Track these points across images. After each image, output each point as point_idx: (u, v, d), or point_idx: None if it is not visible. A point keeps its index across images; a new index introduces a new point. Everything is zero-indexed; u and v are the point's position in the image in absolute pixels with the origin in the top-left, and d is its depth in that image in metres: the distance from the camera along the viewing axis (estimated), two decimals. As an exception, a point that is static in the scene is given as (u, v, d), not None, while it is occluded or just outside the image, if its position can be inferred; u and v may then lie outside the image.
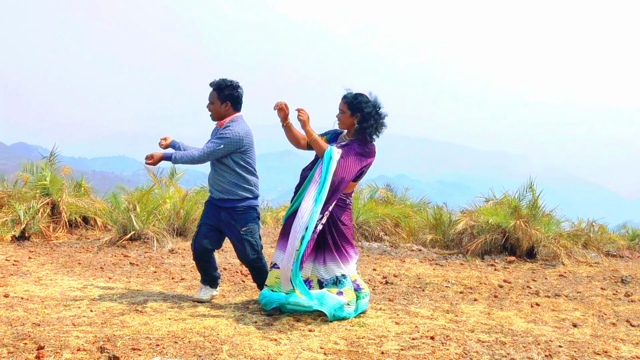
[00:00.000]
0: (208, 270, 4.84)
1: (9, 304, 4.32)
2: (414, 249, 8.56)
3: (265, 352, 3.49)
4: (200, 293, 4.84)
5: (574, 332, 4.42)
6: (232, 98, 4.62)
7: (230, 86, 4.61)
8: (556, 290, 6.08)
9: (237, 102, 4.67)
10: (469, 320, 4.59)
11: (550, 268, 7.47)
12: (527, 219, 8.27)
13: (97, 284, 5.27)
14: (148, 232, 7.58)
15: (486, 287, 6.06)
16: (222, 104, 4.62)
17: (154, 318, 4.15)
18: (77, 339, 3.52)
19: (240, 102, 4.71)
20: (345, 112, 4.51)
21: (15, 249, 6.90)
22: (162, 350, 3.42)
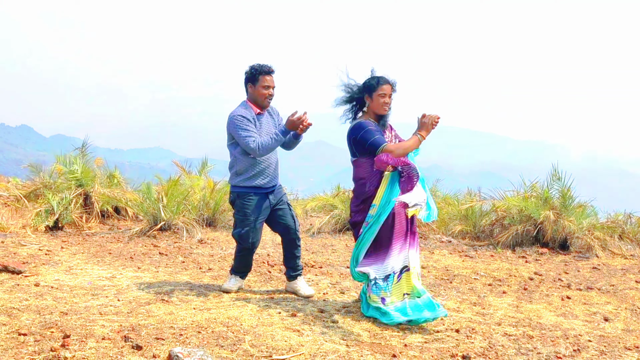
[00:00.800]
0: (250, 262, 4.94)
1: (39, 293, 4.42)
2: (444, 240, 8.47)
3: (287, 343, 3.49)
4: (230, 283, 4.88)
5: (604, 327, 4.31)
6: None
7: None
8: (589, 283, 5.94)
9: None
10: (496, 313, 4.51)
11: (583, 260, 7.30)
12: (559, 210, 8.09)
13: (126, 274, 5.35)
14: (178, 223, 7.66)
15: (516, 279, 5.95)
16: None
17: (179, 308, 4.19)
18: (102, 328, 3.58)
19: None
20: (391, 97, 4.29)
21: (48, 238, 7.06)
22: (185, 339, 3.45)
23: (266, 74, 4.61)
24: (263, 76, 4.60)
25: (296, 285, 4.87)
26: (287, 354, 3.29)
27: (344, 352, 3.38)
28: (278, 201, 4.79)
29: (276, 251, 6.91)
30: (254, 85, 4.63)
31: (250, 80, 4.65)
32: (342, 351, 3.40)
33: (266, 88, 4.61)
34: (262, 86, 4.61)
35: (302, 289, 4.85)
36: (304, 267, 6.12)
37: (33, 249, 6.30)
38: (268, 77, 4.62)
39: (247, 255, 4.85)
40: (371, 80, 4.23)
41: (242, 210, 4.67)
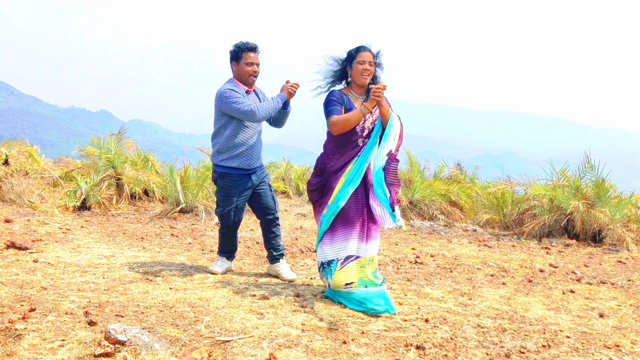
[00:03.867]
0: (234, 241, 4.98)
1: (32, 269, 4.62)
2: (469, 229, 8.25)
3: (242, 325, 3.49)
4: (216, 266, 4.93)
5: (594, 323, 4.07)
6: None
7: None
8: (605, 277, 5.63)
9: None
10: (480, 305, 4.35)
11: (612, 253, 6.93)
12: (592, 200, 7.71)
13: (126, 253, 5.52)
14: (198, 205, 7.82)
15: (525, 270, 5.73)
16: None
17: (157, 287, 4.29)
18: (71, 303, 3.70)
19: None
20: (372, 66, 4.15)
21: (73, 218, 7.37)
22: (144, 318, 3.52)
23: (249, 50, 4.61)
24: (246, 53, 4.60)
25: (278, 268, 4.87)
26: (236, 336, 3.31)
27: (294, 336, 3.35)
28: (260, 182, 4.81)
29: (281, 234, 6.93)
30: (238, 63, 4.63)
31: (234, 57, 4.65)
32: (293, 335, 3.38)
33: (249, 65, 4.60)
34: (245, 63, 4.60)
35: (284, 272, 4.84)
36: (307, 251, 6.13)
37: (54, 228, 6.59)
38: (252, 53, 4.62)
39: (230, 234, 4.88)
40: (351, 50, 4.15)
41: (224, 190, 4.71)
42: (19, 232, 6.18)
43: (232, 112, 4.52)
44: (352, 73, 4.14)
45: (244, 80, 4.65)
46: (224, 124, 4.64)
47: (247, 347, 3.13)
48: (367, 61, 4.09)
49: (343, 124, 4.02)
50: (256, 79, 4.72)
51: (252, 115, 4.47)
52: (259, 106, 4.48)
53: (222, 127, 4.65)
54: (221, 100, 4.55)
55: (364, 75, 4.11)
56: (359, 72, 4.09)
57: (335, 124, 4.03)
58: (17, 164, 10.20)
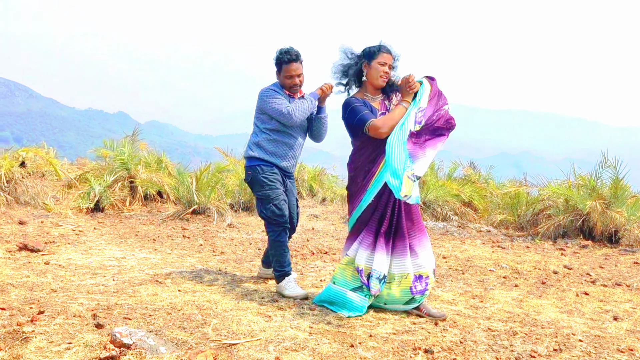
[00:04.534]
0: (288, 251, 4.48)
1: (42, 271, 4.65)
2: (482, 230, 8.17)
3: (249, 328, 3.48)
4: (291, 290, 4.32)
5: (608, 326, 4.00)
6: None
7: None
8: (620, 279, 5.54)
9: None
10: (491, 307, 4.30)
11: (628, 254, 6.83)
12: (609, 200, 7.60)
13: (138, 255, 5.53)
14: (210, 207, 7.83)
15: (538, 272, 5.65)
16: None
17: (167, 289, 4.29)
18: (80, 306, 3.71)
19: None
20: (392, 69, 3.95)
21: (87, 220, 7.42)
22: (152, 320, 3.52)
23: (288, 62, 4.29)
24: (286, 65, 4.30)
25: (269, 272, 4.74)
26: (242, 339, 3.30)
27: (301, 339, 3.33)
28: (289, 191, 4.50)
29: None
30: (279, 73, 4.37)
31: (276, 66, 4.38)
32: (300, 338, 3.36)
33: (289, 78, 4.32)
34: (285, 76, 4.33)
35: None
36: (318, 252, 6.11)
37: (67, 229, 6.64)
38: (292, 65, 4.29)
39: (285, 238, 4.37)
40: (372, 47, 3.92)
41: (268, 183, 4.28)
42: (32, 233, 6.23)
43: (270, 112, 4.27)
44: (370, 73, 3.91)
45: (287, 89, 4.39)
46: (263, 122, 4.36)
47: (253, 350, 3.12)
48: (388, 63, 3.89)
49: (391, 123, 3.76)
50: (298, 89, 4.39)
51: (289, 117, 4.21)
52: (294, 107, 4.24)
53: (261, 125, 4.38)
54: (261, 99, 4.32)
55: (382, 78, 3.90)
56: (378, 74, 3.88)
57: (383, 126, 3.75)
58: (33, 166, 10.32)
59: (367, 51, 3.92)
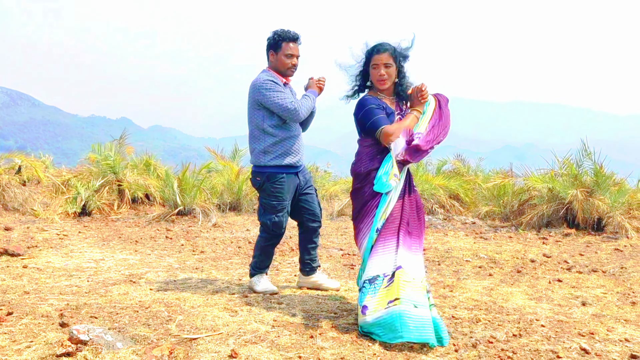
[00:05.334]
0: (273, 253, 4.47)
1: (19, 274, 4.72)
2: (467, 222, 8.21)
3: (213, 324, 3.53)
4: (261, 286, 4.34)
5: (574, 312, 4.04)
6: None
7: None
8: (598, 265, 5.57)
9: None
10: (460, 296, 4.34)
11: (610, 241, 6.85)
12: (592, 188, 7.62)
13: (117, 256, 5.60)
14: (196, 207, 7.90)
15: (515, 261, 5.69)
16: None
17: (139, 289, 4.35)
18: (49, 307, 3.77)
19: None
20: (392, 66, 3.66)
21: (73, 224, 7.50)
22: (117, 318, 3.58)
23: (290, 40, 4.14)
24: (287, 43, 4.13)
25: (317, 279, 4.46)
26: (204, 333, 3.35)
27: (263, 332, 3.38)
28: (306, 184, 4.35)
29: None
30: (276, 53, 4.16)
31: (273, 47, 4.17)
32: (261, 331, 3.41)
33: (289, 57, 4.14)
34: (284, 54, 4.14)
35: (325, 282, 4.47)
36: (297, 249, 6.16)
37: (51, 234, 6.72)
38: (292, 44, 4.15)
39: (274, 246, 4.38)
40: (367, 51, 3.71)
41: (275, 194, 4.17)
42: (16, 239, 6.31)
43: (271, 107, 4.06)
44: (371, 78, 3.71)
45: (281, 72, 4.18)
46: (263, 119, 4.13)
47: (212, 344, 3.17)
48: (381, 65, 3.63)
49: (400, 133, 3.56)
50: (294, 72, 4.24)
51: (295, 114, 4.05)
52: (300, 104, 4.07)
53: (261, 123, 4.14)
54: (259, 92, 4.07)
55: (380, 82, 3.66)
56: (376, 78, 3.67)
57: (394, 134, 3.52)
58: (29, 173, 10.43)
59: (365, 56, 3.73)
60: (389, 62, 3.65)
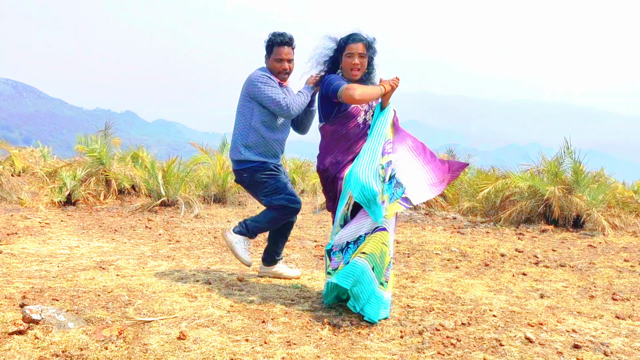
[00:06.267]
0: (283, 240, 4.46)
1: (-8, 259, 4.84)
2: (448, 217, 8.28)
3: (170, 308, 3.62)
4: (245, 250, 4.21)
5: (530, 303, 4.12)
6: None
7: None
8: (567, 260, 5.65)
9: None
10: (420, 287, 4.42)
11: (586, 238, 6.93)
12: (570, 185, 7.69)
13: (93, 244, 5.70)
14: (178, 199, 8.00)
15: (485, 255, 5.76)
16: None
17: (106, 274, 4.44)
18: (14, 289, 3.87)
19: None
20: (365, 57, 3.72)
21: (57, 213, 7.61)
22: (78, 301, 3.67)
23: (280, 45, 4.09)
24: (278, 47, 4.09)
25: (278, 269, 4.51)
26: (159, 317, 3.44)
27: (216, 316, 3.47)
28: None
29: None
30: (269, 57, 4.15)
31: (266, 50, 4.17)
32: (216, 315, 3.50)
33: (279, 61, 4.10)
34: (275, 58, 4.11)
35: (286, 271, 4.54)
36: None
37: (34, 222, 6.83)
38: (284, 48, 4.09)
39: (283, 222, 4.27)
40: (342, 39, 3.72)
41: (269, 178, 4.13)
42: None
43: (264, 101, 4.01)
44: (343, 65, 3.73)
45: (274, 75, 4.15)
46: (252, 113, 4.09)
47: (165, 326, 3.26)
48: (356, 53, 3.66)
49: (365, 95, 3.56)
50: (288, 76, 4.20)
51: (286, 110, 3.99)
52: (292, 100, 4.01)
53: (249, 117, 4.10)
54: (254, 85, 4.03)
55: (353, 71, 3.69)
56: (349, 67, 3.69)
57: (357, 89, 3.53)
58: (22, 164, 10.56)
59: (338, 44, 3.74)
60: (363, 52, 3.68)
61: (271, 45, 4.12)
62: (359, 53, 3.67)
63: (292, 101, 4.01)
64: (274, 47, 4.10)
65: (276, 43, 4.10)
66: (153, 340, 3.02)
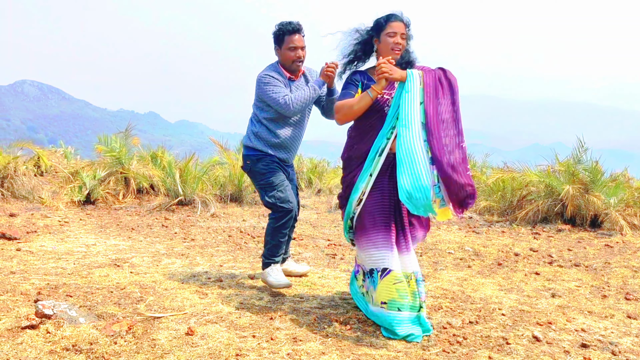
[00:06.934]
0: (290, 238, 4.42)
1: (11, 256, 4.94)
2: (464, 217, 8.25)
3: (181, 304, 3.69)
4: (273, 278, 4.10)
5: (540, 302, 4.10)
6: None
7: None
8: (582, 260, 5.59)
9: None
10: (430, 285, 4.43)
11: (604, 238, 6.84)
12: (586, 184, 7.61)
13: (109, 242, 5.80)
14: (195, 198, 8.09)
15: (499, 254, 5.74)
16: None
17: (120, 271, 4.53)
18: (30, 285, 3.97)
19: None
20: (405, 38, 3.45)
21: (76, 212, 7.74)
22: (92, 297, 3.75)
23: (291, 33, 4.05)
24: (289, 36, 4.05)
25: (286, 267, 4.48)
26: (169, 313, 3.51)
27: (225, 313, 3.53)
28: (290, 180, 4.29)
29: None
30: (280, 47, 4.10)
31: (276, 41, 4.12)
32: (224, 312, 3.55)
33: (292, 50, 4.06)
34: (287, 48, 4.06)
35: (295, 268, 4.54)
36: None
37: (53, 221, 6.96)
38: (295, 36, 4.06)
39: (289, 227, 4.17)
40: (380, 18, 3.47)
41: (268, 170, 4.10)
42: (18, 224, 6.56)
43: (267, 101, 4.03)
44: (381, 47, 3.44)
45: (287, 67, 4.13)
46: (261, 110, 4.14)
47: (174, 322, 3.32)
48: (398, 33, 3.39)
49: (347, 112, 3.39)
50: (302, 64, 4.16)
51: (286, 108, 3.97)
52: (293, 98, 3.97)
53: (259, 113, 4.15)
54: (259, 87, 4.07)
55: (394, 51, 3.39)
56: (389, 47, 3.39)
57: (339, 111, 3.42)
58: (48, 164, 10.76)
59: (376, 23, 3.48)
60: (404, 32, 3.44)
61: (282, 34, 4.08)
62: (401, 33, 3.40)
63: (292, 99, 3.96)
64: (284, 36, 4.07)
65: (287, 32, 4.06)
66: (161, 336, 3.08)
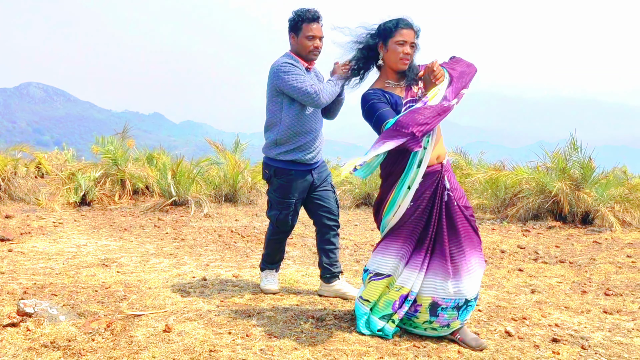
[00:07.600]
0: (283, 249, 4.22)
1: (1, 257, 5.01)
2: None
3: (162, 303, 3.76)
4: (268, 283, 4.15)
5: (519, 298, 4.16)
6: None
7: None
8: (568, 257, 5.65)
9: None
10: (411, 282, 4.50)
11: (593, 234, 6.89)
12: (578, 181, 7.66)
13: (100, 242, 5.89)
14: (189, 198, 8.18)
15: (486, 251, 5.79)
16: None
17: (107, 271, 4.61)
18: (17, 285, 4.06)
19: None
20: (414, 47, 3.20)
21: (71, 213, 7.84)
22: (76, 296, 3.83)
23: (310, 21, 3.85)
24: (307, 24, 3.84)
25: (339, 287, 4.06)
26: (150, 311, 3.59)
27: (205, 311, 3.60)
28: (322, 181, 4.02)
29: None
30: (297, 36, 3.88)
31: (293, 28, 3.89)
32: (204, 310, 3.62)
33: (310, 39, 3.84)
34: (305, 36, 3.84)
35: (348, 290, 4.06)
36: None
37: (48, 222, 7.06)
38: (314, 24, 3.85)
39: (282, 241, 4.14)
40: (388, 23, 3.18)
41: (281, 190, 3.93)
42: (13, 226, 6.66)
43: (290, 91, 3.75)
44: (387, 55, 3.19)
45: (303, 56, 3.89)
46: (281, 107, 3.86)
47: (153, 320, 3.39)
48: (408, 42, 3.14)
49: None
50: (318, 55, 3.95)
51: (316, 99, 3.71)
52: (322, 88, 3.73)
53: (278, 112, 3.87)
54: (277, 76, 3.78)
55: (403, 61, 3.15)
56: (397, 57, 3.14)
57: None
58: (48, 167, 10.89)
59: (383, 28, 3.20)
60: (414, 42, 3.19)
61: (299, 22, 3.86)
62: (411, 42, 3.15)
63: (321, 89, 3.73)
64: (302, 24, 3.85)
65: (306, 19, 3.84)
66: (139, 333, 3.15)
